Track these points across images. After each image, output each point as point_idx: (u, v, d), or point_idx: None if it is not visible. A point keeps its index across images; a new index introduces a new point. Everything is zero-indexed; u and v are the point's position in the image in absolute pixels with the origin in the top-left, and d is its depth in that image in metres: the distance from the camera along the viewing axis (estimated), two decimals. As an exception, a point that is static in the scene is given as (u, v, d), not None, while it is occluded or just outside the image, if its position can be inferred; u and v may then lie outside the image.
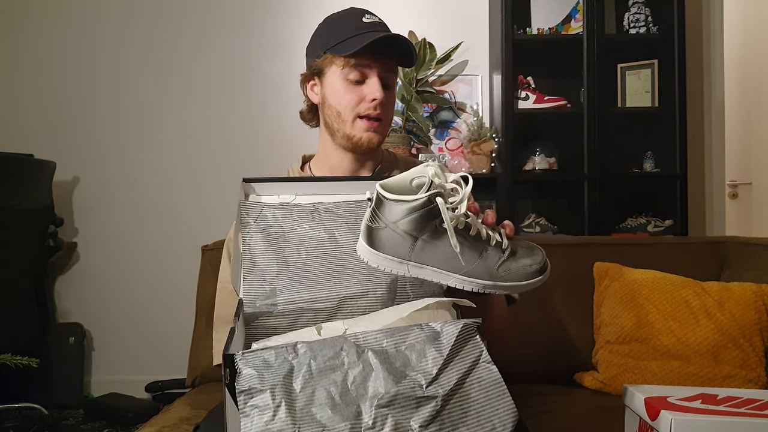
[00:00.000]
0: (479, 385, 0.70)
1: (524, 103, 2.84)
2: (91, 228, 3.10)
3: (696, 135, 2.99)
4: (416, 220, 0.78)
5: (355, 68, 1.13)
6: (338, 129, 1.18)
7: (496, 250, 0.81)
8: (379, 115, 1.15)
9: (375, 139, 1.16)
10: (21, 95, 3.08)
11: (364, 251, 0.81)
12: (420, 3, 3.07)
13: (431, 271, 0.80)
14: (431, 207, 0.77)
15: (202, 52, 3.08)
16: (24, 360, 1.90)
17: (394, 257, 0.80)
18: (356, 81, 1.14)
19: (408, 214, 0.77)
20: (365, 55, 1.11)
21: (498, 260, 0.80)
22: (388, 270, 0.81)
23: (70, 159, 3.04)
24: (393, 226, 0.78)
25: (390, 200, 0.78)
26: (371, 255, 0.81)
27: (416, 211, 0.77)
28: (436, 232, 0.78)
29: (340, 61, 1.13)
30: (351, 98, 1.14)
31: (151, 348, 3.04)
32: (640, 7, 2.84)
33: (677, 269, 1.65)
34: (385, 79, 1.15)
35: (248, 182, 0.96)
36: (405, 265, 0.80)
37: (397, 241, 0.79)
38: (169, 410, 1.46)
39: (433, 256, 0.79)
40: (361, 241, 0.82)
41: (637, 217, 2.84)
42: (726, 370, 1.42)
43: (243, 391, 0.65)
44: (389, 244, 0.79)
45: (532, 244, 0.87)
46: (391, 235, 0.79)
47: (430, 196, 0.77)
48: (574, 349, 1.67)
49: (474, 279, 0.80)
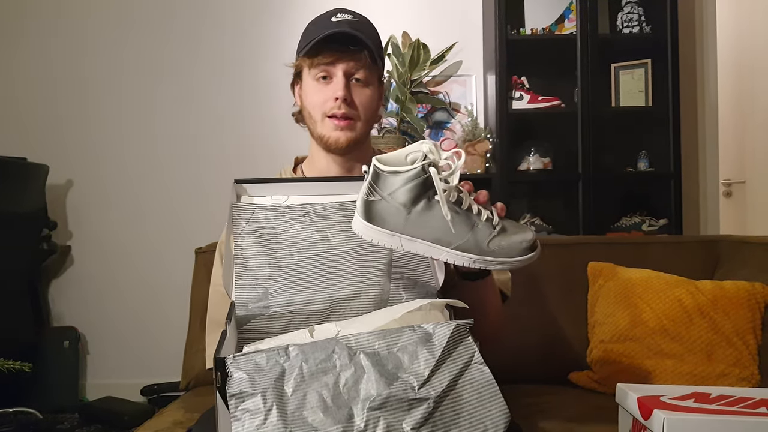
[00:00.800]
0: (471, 386, 0.70)
1: (518, 103, 2.84)
2: (85, 231, 3.08)
3: (690, 134, 3.00)
4: (411, 190, 0.79)
5: (319, 67, 1.13)
6: (313, 130, 1.18)
7: (486, 224, 0.82)
8: (346, 114, 1.14)
9: (343, 137, 1.15)
10: (14, 99, 3.07)
11: (359, 225, 0.83)
12: (413, 4, 3.07)
13: (423, 244, 0.81)
14: (425, 177, 0.79)
15: (196, 54, 3.07)
16: (17, 364, 1.89)
17: (387, 230, 0.81)
18: (324, 78, 1.14)
19: (403, 185, 0.79)
20: (325, 52, 1.11)
21: (489, 235, 0.82)
22: (381, 243, 0.82)
23: (64, 162, 3.02)
24: (388, 197, 0.80)
25: (386, 172, 0.80)
26: (365, 228, 0.82)
27: (411, 181, 0.79)
28: (429, 204, 0.80)
29: (307, 62, 1.14)
30: (317, 98, 1.15)
31: (145, 351, 3.03)
32: (633, 7, 2.85)
33: (671, 268, 1.65)
34: (354, 75, 1.14)
35: (240, 183, 0.95)
36: (398, 237, 0.81)
37: (392, 213, 0.80)
38: (164, 413, 1.45)
39: (426, 229, 0.81)
40: (357, 216, 0.83)
41: (631, 216, 2.85)
42: (720, 368, 1.42)
43: (234, 395, 0.65)
44: (384, 216, 0.81)
45: (522, 224, 0.88)
46: (386, 208, 0.81)
47: (424, 165, 0.79)
48: (569, 348, 1.67)
49: (465, 253, 0.81)
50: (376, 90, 1.19)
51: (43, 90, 3.07)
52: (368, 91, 1.17)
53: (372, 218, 0.82)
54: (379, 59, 1.18)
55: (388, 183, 0.80)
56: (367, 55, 1.14)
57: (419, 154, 0.80)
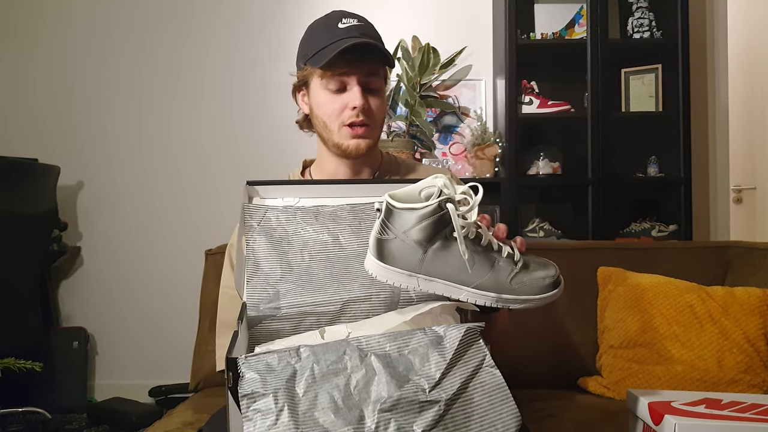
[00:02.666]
0: (482, 389, 0.69)
1: (528, 108, 2.84)
2: (95, 232, 3.10)
3: (700, 139, 2.99)
4: (427, 228, 0.75)
5: (333, 78, 1.13)
6: (327, 138, 1.19)
7: (507, 261, 0.79)
8: (364, 121, 1.14)
9: (362, 144, 1.16)
10: (26, 100, 3.10)
11: (373, 266, 0.79)
12: (423, 8, 3.08)
13: (441, 284, 0.78)
14: (442, 214, 0.75)
15: (207, 56, 3.09)
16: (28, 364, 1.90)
17: (404, 270, 0.77)
18: (337, 90, 1.14)
19: (418, 222, 0.75)
20: (340, 63, 1.10)
21: (510, 272, 0.78)
22: (397, 285, 0.79)
23: (75, 164, 3.04)
24: (403, 236, 0.76)
25: (400, 209, 0.76)
26: (380, 269, 0.79)
27: (426, 219, 0.75)
28: (446, 241, 0.76)
29: (318, 72, 1.13)
30: (333, 108, 1.15)
31: (154, 352, 3.04)
32: (643, 12, 2.84)
33: (681, 274, 1.64)
34: (367, 84, 1.15)
35: (252, 185, 0.96)
36: (415, 278, 0.78)
37: (407, 253, 0.77)
38: (173, 414, 1.46)
39: (444, 268, 0.77)
40: (370, 255, 0.80)
41: (641, 221, 2.84)
42: (730, 374, 1.42)
43: (246, 395, 0.65)
44: (399, 256, 0.77)
45: (544, 258, 0.84)
46: (401, 246, 0.77)
47: (441, 202, 0.75)
48: (578, 353, 1.66)
49: (486, 292, 0.77)
50: (384, 94, 1.21)
51: (55, 92, 3.09)
52: (379, 97, 1.18)
53: (385, 257, 0.78)
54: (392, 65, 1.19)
55: (403, 220, 0.76)
56: (380, 62, 1.15)
57: (434, 190, 0.76)
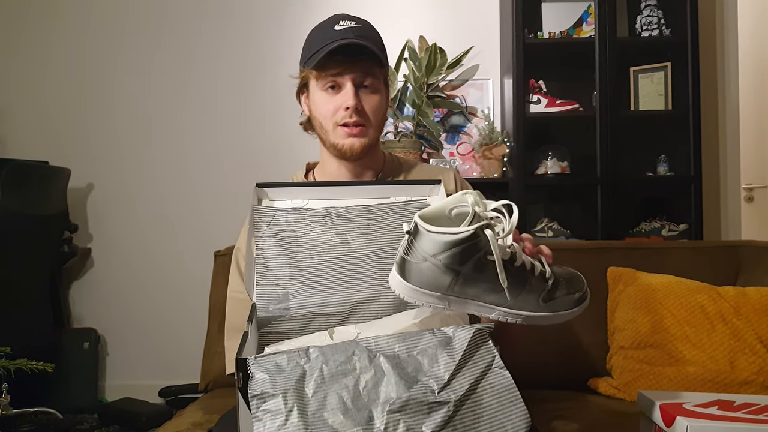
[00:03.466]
0: (492, 390, 0.69)
1: (536, 107, 2.83)
2: (105, 234, 3.12)
3: (710, 138, 2.96)
4: (459, 253, 0.72)
5: (327, 78, 1.14)
6: (325, 139, 1.19)
7: (539, 280, 0.78)
8: (358, 121, 1.15)
9: (357, 144, 1.16)
10: (37, 103, 3.12)
11: (400, 286, 0.76)
12: (430, 8, 3.08)
13: (474, 305, 0.76)
14: (477, 240, 0.72)
15: (215, 60, 3.10)
16: (39, 365, 1.92)
17: (434, 292, 0.75)
18: (332, 90, 1.15)
19: (450, 248, 0.72)
20: (332, 63, 1.12)
21: (542, 291, 0.77)
22: (427, 305, 0.76)
23: (85, 166, 3.06)
24: (433, 259, 0.73)
25: (431, 232, 0.72)
26: (408, 290, 0.75)
27: (460, 245, 0.72)
28: (479, 264, 0.73)
29: (314, 73, 1.15)
30: (328, 109, 1.16)
31: (164, 353, 3.05)
32: (652, 10, 2.82)
33: (692, 274, 1.63)
34: (362, 84, 1.15)
35: (261, 187, 0.96)
36: (446, 300, 0.75)
37: (437, 275, 0.74)
38: (182, 415, 1.46)
39: (476, 289, 0.75)
40: (395, 274, 0.77)
41: (651, 221, 2.82)
42: (743, 376, 1.40)
43: (255, 396, 0.65)
44: (427, 277, 0.74)
45: (570, 269, 0.83)
46: (430, 269, 0.73)
47: (478, 229, 0.72)
48: (588, 354, 1.65)
49: (519, 311, 0.76)
50: (383, 95, 1.20)
51: (66, 95, 3.11)
52: (376, 97, 1.18)
53: (411, 278, 0.75)
54: (385, 63, 1.19)
55: (434, 244, 0.72)
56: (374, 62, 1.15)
57: (466, 209, 0.73)
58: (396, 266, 0.77)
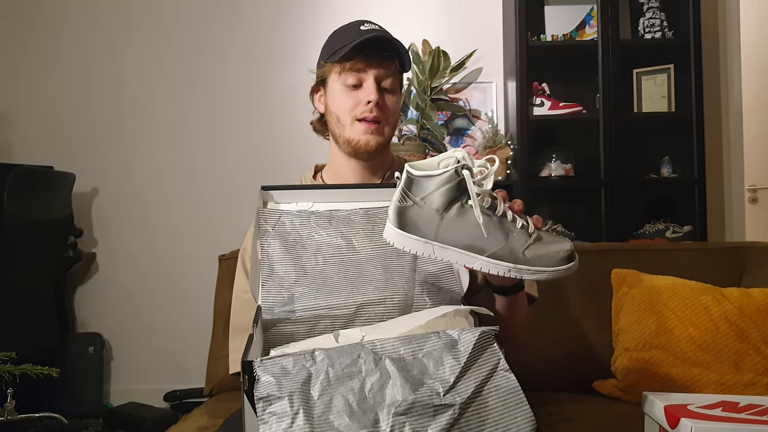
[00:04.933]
0: (497, 393, 0.69)
1: (539, 110, 2.83)
2: (110, 238, 3.13)
3: (714, 139, 2.96)
4: (444, 193, 0.78)
5: (351, 72, 1.15)
6: (339, 134, 1.20)
7: (522, 232, 0.79)
8: (377, 118, 1.16)
9: (373, 141, 1.17)
10: (42, 109, 3.13)
11: (391, 233, 0.82)
12: (433, 11, 3.08)
13: (456, 252, 0.79)
14: (459, 180, 0.78)
15: (221, 63, 3.11)
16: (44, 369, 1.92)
17: (420, 237, 0.80)
18: (354, 85, 1.16)
19: (436, 188, 0.78)
20: (358, 59, 1.14)
21: (524, 243, 0.78)
22: (413, 251, 0.81)
23: (90, 171, 3.07)
24: (420, 202, 0.79)
25: (418, 176, 0.79)
26: (397, 236, 0.81)
27: (444, 185, 0.78)
28: (462, 210, 0.78)
29: (338, 67, 1.16)
30: (348, 102, 1.17)
31: (169, 357, 3.06)
32: (655, 12, 2.83)
33: (696, 275, 1.62)
34: (383, 83, 1.17)
35: (266, 190, 0.97)
36: (430, 245, 0.80)
37: (425, 220, 0.79)
38: (187, 419, 1.46)
39: (459, 235, 0.79)
40: (389, 224, 0.82)
41: (655, 222, 2.82)
42: (747, 377, 1.40)
43: (261, 398, 0.65)
44: (417, 223, 0.79)
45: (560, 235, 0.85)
46: (419, 213, 0.79)
47: (457, 168, 0.77)
48: (593, 356, 1.65)
49: (499, 262, 0.78)
50: (399, 97, 1.22)
51: (71, 100, 3.13)
52: (394, 98, 1.20)
53: (404, 225, 0.80)
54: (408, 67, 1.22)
55: (421, 187, 0.79)
56: (397, 63, 1.18)
57: (452, 160, 0.79)
58: (389, 214, 0.82)
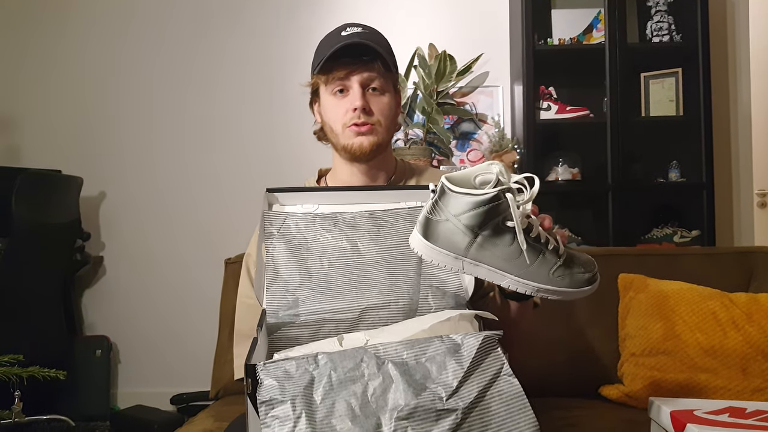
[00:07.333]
0: (500, 398, 0.69)
1: (546, 114, 2.83)
2: (117, 242, 3.14)
3: (722, 143, 2.94)
4: (480, 215, 0.76)
5: (335, 82, 1.16)
6: (336, 143, 1.21)
7: (552, 254, 0.80)
8: (366, 121, 1.16)
9: (366, 142, 1.17)
10: (50, 113, 3.15)
11: (419, 244, 0.80)
12: (440, 15, 3.08)
13: (486, 269, 0.79)
14: (498, 203, 0.76)
15: (223, 67, 3.12)
16: (52, 372, 1.93)
17: (450, 252, 0.79)
18: (340, 94, 1.17)
19: (473, 209, 0.76)
20: (338, 67, 1.14)
21: (554, 264, 0.79)
22: (442, 265, 0.80)
23: (97, 175, 3.09)
24: (454, 219, 0.77)
25: (456, 193, 0.77)
26: (426, 248, 0.80)
27: (482, 206, 0.76)
28: (497, 229, 0.77)
29: (323, 77, 1.17)
30: (337, 111, 1.18)
31: (175, 361, 3.06)
32: (663, 16, 2.82)
33: (704, 280, 1.62)
34: (372, 84, 1.17)
35: (272, 192, 0.97)
36: (460, 261, 0.79)
37: (456, 236, 0.78)
38: (194, 422, 1.47)
39: (491, 254, 0.78)
40: (416, 233, 0.81)
41: (662, 227, 2.80)
42: (755, 383, 1.39)
43: (264, 402, 0.65)
44: (447, 238, 0.78)
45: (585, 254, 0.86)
46: (451, 229, 0.78)
47: (500, 191, 0.76)
48: (599, 361, 1.64)
49: (528, 281, 0.79)
50: (393, 97, 1.22)
51: (78, 104, 3.15)
52: (385, 98, 1.19)
53: (431, 237, 0.79)
54: (392, 66, 1.20)
55: (457, 204, 0.77)
56: (380, 63, 1.16)
57: (490, 177, 0.77)
58: (418, 224, 0.80)
